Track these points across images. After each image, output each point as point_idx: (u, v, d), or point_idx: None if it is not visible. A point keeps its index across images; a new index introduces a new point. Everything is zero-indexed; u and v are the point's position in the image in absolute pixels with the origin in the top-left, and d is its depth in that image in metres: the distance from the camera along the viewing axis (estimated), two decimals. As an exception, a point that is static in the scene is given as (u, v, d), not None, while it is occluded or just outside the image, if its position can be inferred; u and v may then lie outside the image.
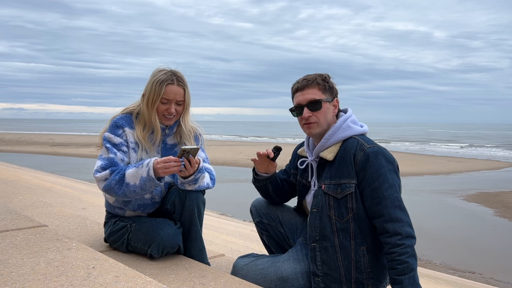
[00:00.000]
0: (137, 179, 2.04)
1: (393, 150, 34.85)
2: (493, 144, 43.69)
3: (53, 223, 2.87)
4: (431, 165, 22.20)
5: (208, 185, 2.24)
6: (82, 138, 43.73)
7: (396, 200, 1.81)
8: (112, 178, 2.07)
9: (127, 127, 2.21)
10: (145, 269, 2.03)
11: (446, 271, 6.67)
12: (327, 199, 1.92)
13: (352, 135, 1.96)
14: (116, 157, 2.13)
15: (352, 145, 1.91)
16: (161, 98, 2.15)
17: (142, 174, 2.03)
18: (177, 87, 2.18)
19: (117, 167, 2.11)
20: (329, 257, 1.92)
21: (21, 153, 25.78)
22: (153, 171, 2.02)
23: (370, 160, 1.83)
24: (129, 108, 2.29)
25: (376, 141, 1.96)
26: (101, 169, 2.10)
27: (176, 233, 2.18)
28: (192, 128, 2.34)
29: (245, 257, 2.21)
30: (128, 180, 2.05)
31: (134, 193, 2.07)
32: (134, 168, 2.06)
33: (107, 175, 2.09)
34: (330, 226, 1.92)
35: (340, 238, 1.90)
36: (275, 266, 2.03)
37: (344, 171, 1.89)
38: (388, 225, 1.79)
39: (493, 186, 15.32)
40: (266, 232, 2.37)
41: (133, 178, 2.04)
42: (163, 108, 2.19)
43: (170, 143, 2.33)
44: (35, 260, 1.68)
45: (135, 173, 2.05)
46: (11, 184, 5.08)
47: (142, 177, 2.03)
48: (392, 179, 1.83)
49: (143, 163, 2.07)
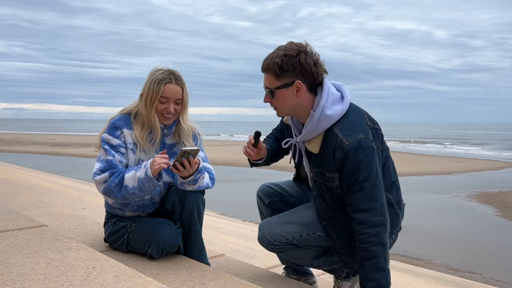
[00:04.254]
0: (136, 181, 2.05)
1: (393, 150, 34.84)
2: (493, 144, 43.67)
3: (53, 223, 2.88)
4: (431, 165, 22.19)
5: (208, 185, 2.24)
6: (82, 138, 43.73)
7: (369, 191, 1.82)
8: (111, 181, 2.08)
9: (125, 128, 2.21)
10: (145, 269, 2.03)
11: (446, 271, 6.67)
12: (319, 185, 1.99)
13: (330, 126, 1.87)
14: (114, 159, 2.14)
15: (332, 140, 1.85)
16: (159, 97, 2.15)
17: (140, 175, 2.04)
18: (175, 86, 2.18)
19: (116, 169, 2.12)
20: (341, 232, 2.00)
21: (21, 153, 25.78)
22: (150, 171, 2.03)
23: (349, 158, 1.81)
24: (127, 109, 2.28)
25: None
26: (100, 172, 2.11)
27: (176, 233, 2.18)
28: (190, 128, 2.34)
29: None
30: (126, 182, 2.05)
31: (134, 195, 2.07)
32: (133, 171, 2.07)
33: (106, 177, 2.09)
34: (330, 208, 2.00)
35: (343, 215, 1.95)
36: (297, 214, 2.16)
37: (328, 165, 1.89)
38: (356, 214, 1.86)
39: (493, 186, 15.31)
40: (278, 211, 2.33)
41: (131, 180, 2.05)
42: (162, 107, 2.18)
43: (169, 143, 2.33)
44: (35, 260, 1.68)
45: (133, 175, 2.06)
46: (11, 184, 5.08)
47: (140, 178, 2.04)
48: (369, 171, 1.81)
49: (140, 165, 2.09)
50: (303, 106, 1.90)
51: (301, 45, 1.86)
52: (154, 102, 2.16)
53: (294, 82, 1.85)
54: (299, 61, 1.82)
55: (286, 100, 1.89)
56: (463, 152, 32.41)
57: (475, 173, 19.16)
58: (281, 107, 1.93)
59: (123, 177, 2.07)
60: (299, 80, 1.85)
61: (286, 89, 1.87)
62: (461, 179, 17.36)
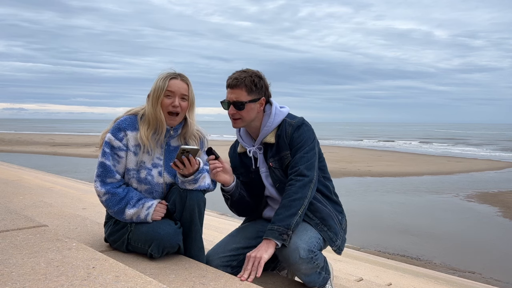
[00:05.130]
0: (135, 216, 2.18)
1: (393, 150, 34.85)
2: (494, 144, 43.66)
3: (53, 223, 2.88)
4: (431, 165, 22.21)
5: (209, 185, 2.24)
6: (82, 138, 43.74)
7: (310, 161, 2.18)
8: (111, 204, 2.18)
9: (129, 130, 2.22)
10: (145, 269, 2.03)
11: (446, 271, 6.68)
12: (278, 172, 2.27)
13: (283, 118, 2.30)
14: (110, 163, 2.19)
15: (284, 125, 2.28)
16: (165, 91, 2.20)
17: (140, 216, 2.18)
18: (180, 81, 2.24)
19: (113, 176, 2.18)
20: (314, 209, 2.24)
21: (21, 153, 25.79)
22: (151, 217, 2.16)
23: (295, 131, 2.23)
24: (134, 110, 2.30)
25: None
26: (99, 180, 2.18)
27: (176, 232, 2.18)
28: (197, 133, 2.36)
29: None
30: (126, 216, 2.19)
31: (130, 221, 2.22)
32: (135, 210, 2.17)
33: (105, 194, 2.18)
34: None
35: None
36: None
37: (282, 146, 2.25)
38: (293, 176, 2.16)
39: (493, 186, 15.33)
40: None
41: (131, 215, 2.18)
42: (168, 102, 2.20)
43: (174, 145, 2.33)
44: (35, 260, 1.69)
45: (134, 213, 2.18)
46: (11, 184, 5.08)
47: (139, 217, 2.18)
48: (312, 144, 2.22)
49: (144, 204, 2.19)
50: (258, 119, 2.31)
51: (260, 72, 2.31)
52: (160, 97, 2.20)
53: (260, 98, 2.27)
54: (265, 82, 2.30)
55: (251, 112, 2.26)
56: (463, 152, 32.43)
57: (475, 173, 19.17)
58: (246, 117, 2.26)
59: (124, 212, 2.17)
60: (263, 97, 2.29)
61: (254, 103, 2.26)
62: (461, 179, 17.37)
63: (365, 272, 4.35)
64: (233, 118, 2.27)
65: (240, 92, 2.22)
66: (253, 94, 2.23)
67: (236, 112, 2.24)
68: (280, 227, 2.03)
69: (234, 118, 2.27)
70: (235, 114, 2.24)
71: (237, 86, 2.22)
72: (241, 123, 2.28)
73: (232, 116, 2.26)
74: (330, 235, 2.22)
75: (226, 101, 2.27)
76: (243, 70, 2.27)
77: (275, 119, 2.28)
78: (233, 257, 2.31)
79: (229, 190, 2.29)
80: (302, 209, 2.09)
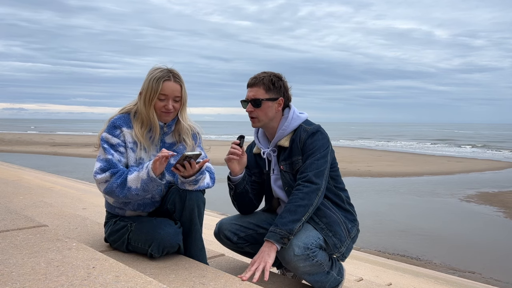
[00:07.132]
0: (138, 182, 2.06)
1: (393, 150, 34.84)
2: (494, 144, 43.67)
3: (53, 223, 2.88)
4: (431, 165, 22.21)
5: (208, 184, 2.24)
6: (82, 138, 43.75)
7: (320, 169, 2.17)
8: (113, 182, 2.08)
9: (124, 127, 2.21)
10: (145, 269, 2.03)
11: (446, 271, 6.68)
12: (288, 176, 2.28)
13: (300, 123, 2.30)
14: (114, 158, 2.14)
15: (299, 130, 2.29)
16: (158, 94, 2.17)
17: (142, 177, 2.06)
18: (174, 83, 2.20)
19: (117, 168, 2.12)
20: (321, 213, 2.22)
21: (21, 153, 25.79)
22: (152, 171, 2.04)
23: (309, 137, 2.23)
24: (126, 108, 2.29)
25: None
26: (100, 171, 2.11)
27: (176, 232, 2.18)
28: (190, 127, 2.35)
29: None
30: (130, 184, 2.07)
31: (137, 196, 2.09)
32: (136, 172, 2.08)
33: (108, 177, 2.09)
34: None
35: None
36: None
37: (295, 151, 2.25)
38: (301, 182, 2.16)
39: (493, 186, 15.33)
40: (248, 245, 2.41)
41: (134, 182, 2.07)
42: (160, 104, 2.19)
43: (169, 142, 2.33)
44: (35, 260, 1.69)
45: (136, 177, 2.07)
46: (11, 184, 5.08)
47: (143, 179, 2.06)
48: (325, 152, 2.21)
49: (143, 165, 2.10)
50: (276, 120, 2.32)
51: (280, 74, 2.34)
52: (153, 100, 2.18)
53: (278, 98, 2.29)
54: (284, 83, 2.32)
55: (269, 111, 2.28)
56: (463, 152, 32.43)
57: (475, 173, 19.17)
58: (262, 116, 2.28)
59: (126, 179, 2.07)
60: (282, 97, 2.29)
61: (272, 102, 2.27)
62: (461, 179, 17.37)
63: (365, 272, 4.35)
64: (251, 117, 2.30)
65: (257, 90, 2.25)
66: (271, 93, 2.26)
67: (253, 110, 2.26)
68: (282, 231, 2.04)
69: (252, 117, 2.29)
70: (252, 112, 2.27)
71: (255, 85, 2.26)
72: (258, 122, 2.30)
73: (250, 114, 2.29)
74: (334, 241, 2.18)
75: (245, 99, 2.31)
76: (264, 71, 2.32)
77: (291, 123, 2.29)
78: (243, 228, 2.39)
79: (235, 181, 2.34)
80: (306, 216, 2.09)
